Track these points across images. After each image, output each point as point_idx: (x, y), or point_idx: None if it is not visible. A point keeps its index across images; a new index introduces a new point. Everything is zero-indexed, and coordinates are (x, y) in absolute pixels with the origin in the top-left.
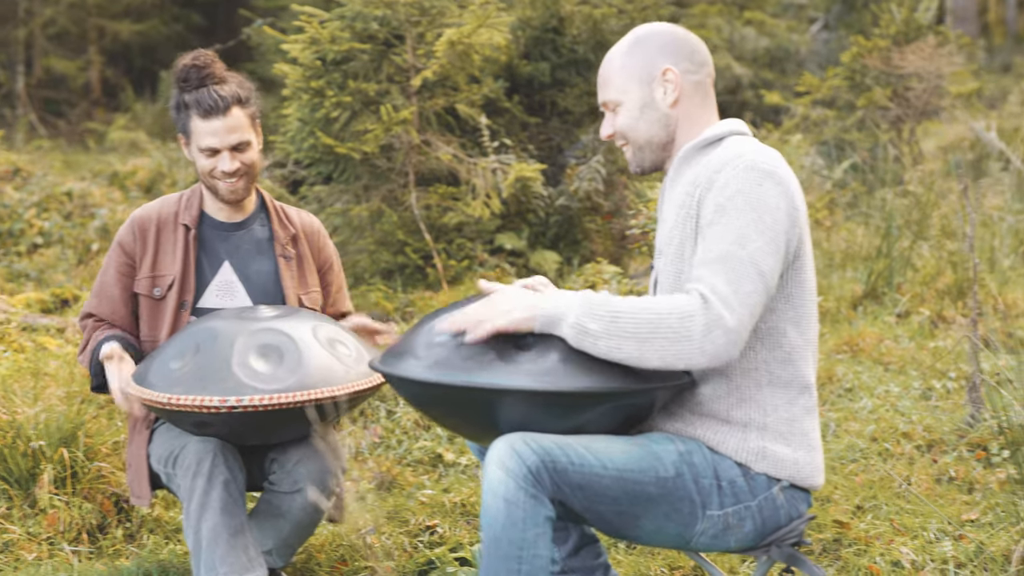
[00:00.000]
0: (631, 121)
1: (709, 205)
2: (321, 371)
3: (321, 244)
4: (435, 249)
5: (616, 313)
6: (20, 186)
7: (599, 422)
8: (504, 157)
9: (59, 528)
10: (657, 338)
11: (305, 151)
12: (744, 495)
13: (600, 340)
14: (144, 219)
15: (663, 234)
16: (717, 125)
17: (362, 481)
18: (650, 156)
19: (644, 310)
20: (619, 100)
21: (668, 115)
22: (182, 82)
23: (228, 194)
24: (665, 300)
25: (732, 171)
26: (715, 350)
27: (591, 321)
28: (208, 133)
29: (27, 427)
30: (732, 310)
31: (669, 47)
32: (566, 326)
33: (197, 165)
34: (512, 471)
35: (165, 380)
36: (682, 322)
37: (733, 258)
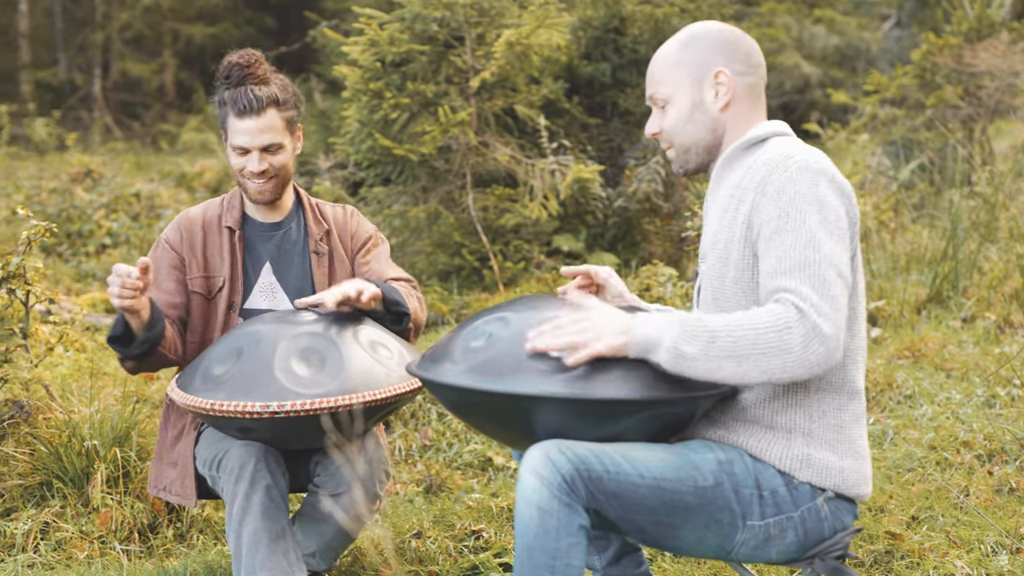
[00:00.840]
0: (678, 123)
1: (769, 211)
2: (362, 375)
3: (352, 227)
4: (491, 251)
5: (712, 334)
6: (91, 187)
7: (637, 430)
8: (562, 158)
9: (111, 527)
10: (756, 355)
11: (363, 153)
12: (786, 505)
13: (698, 363)
14: (189, 221)
15: (707, 238)
16: (759, 126)
17: (410, 484)
18: (695, 159)
19: (740, 327)
20: (668, 97)
21: (717, 119)
22: (224, 79)
23: (256, 194)
24: (759, 315)
25: (785, 173)
26: (816, 360)
27: (687, 344)
28: (240, 132)
29: (82, 427)
30: (826, 317)
31: (724, 47)
32: (662, 351)
33: (230, 162)
34: (546, 479)
35: (209, 386)
36: (780, 336)
37: (812, 263)
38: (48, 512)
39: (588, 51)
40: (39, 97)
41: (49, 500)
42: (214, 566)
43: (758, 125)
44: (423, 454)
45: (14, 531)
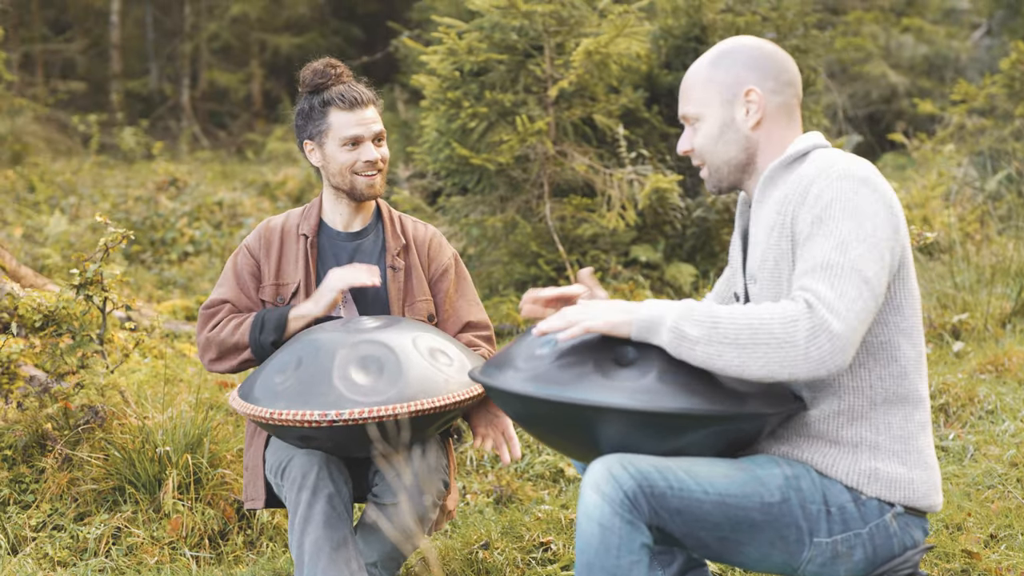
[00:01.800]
0: (709, 141)
1: (805, 218)
2: (421, 382)
3: (433, 252)
4: (568, 261)
5: (716, 318)
6: (174, 196)
7: (702, 445)
8: (641, 168)
9: (181, 533)
10: (759, 344)
11: (441, 162)
12: (854, 522)
13: (698, 346)
14: (271, 229)
15: (755, 258)
16: (800, 140)
17: (481, 495)
18: (728, 177)
19: (746, 315)
20: (699, 115)
21: (748, 137)
22: (319, 80)
23: (366, 188)
24: (767, 306)
25: (825, 181)
26: (820, 356)
27: (690, 326)
28: (353, 123)
29: (155, 433)
30: (838, 315)
31: (755, 64)
32: (664, 331)
33: (334, 163)
34: (608, 495)
35: (268, 394)
36: (785, 327)
37: (835, 265)
38: (120, 517)
39: (669, 60)
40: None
41: (122, 505)
42: (282, 573)
43: (797, 140)
44: (495, 465)
45: (87, 535)
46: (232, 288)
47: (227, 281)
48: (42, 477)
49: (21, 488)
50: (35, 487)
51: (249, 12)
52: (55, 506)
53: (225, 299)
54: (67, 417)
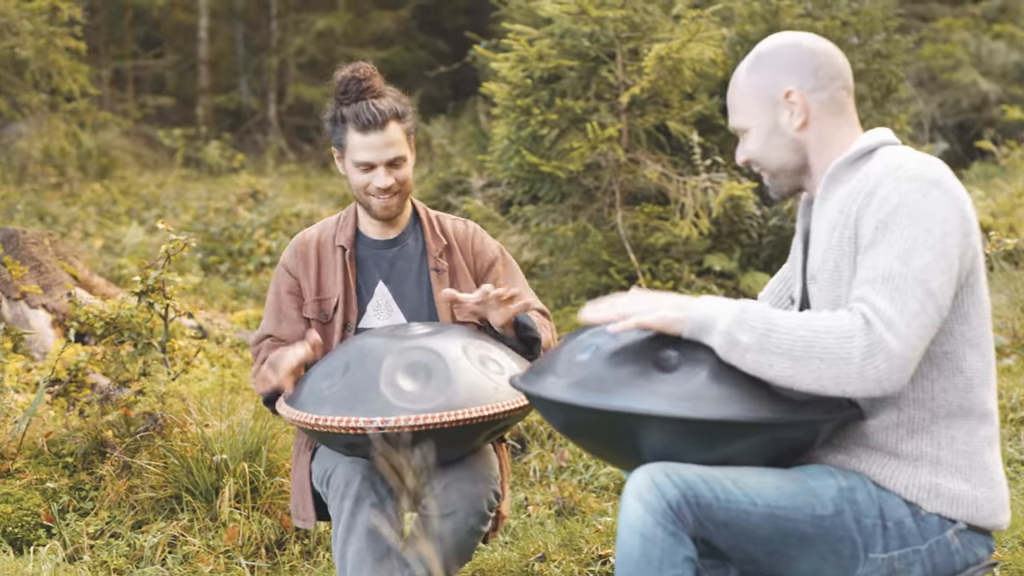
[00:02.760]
0: (759, 148)
1: (869, 222)
2: (469, 390)
3: (477, 247)
4: (640, 270)
5: (771, 326)
6: (252, 207)
7: (751, 454)
8: (715, 175)
9: (237, 542)
10: (812, 358)
11: (511, 170)
12: (913, 538)
13: (749, 354)
14: (305, 243)
15: (815, 258)
16: (865, 137)
17: (543, 506)
18: (786, 182)
19: (800, 326)
20: (745, 125)
21: (796, 139)
22: (341, 94)
23: (381, 211)
24: (824, 317)
25: (893, 183)
26: (876, 375)
27: (743, 332)
28: (364, 147)
29: (214, 441)
30: (896, 333)
31: (791, 65)
32: (716, 334)
33: (351, 180)
34: (650, 505)
35: (314, 400)
36: (840, 343)
37: (897, 276)
38: (177, 525)
39: None
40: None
41: (179, 513)
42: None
43: (864, 136)
44: (558, 475)
45: (143, 543)
46: (271, 318)
47: (268, 310)
48: (101, 484)
49: (81, 495)
50: (94, 494)
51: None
52: (113, 513)
53: (267, 334)
54: (127, 424)
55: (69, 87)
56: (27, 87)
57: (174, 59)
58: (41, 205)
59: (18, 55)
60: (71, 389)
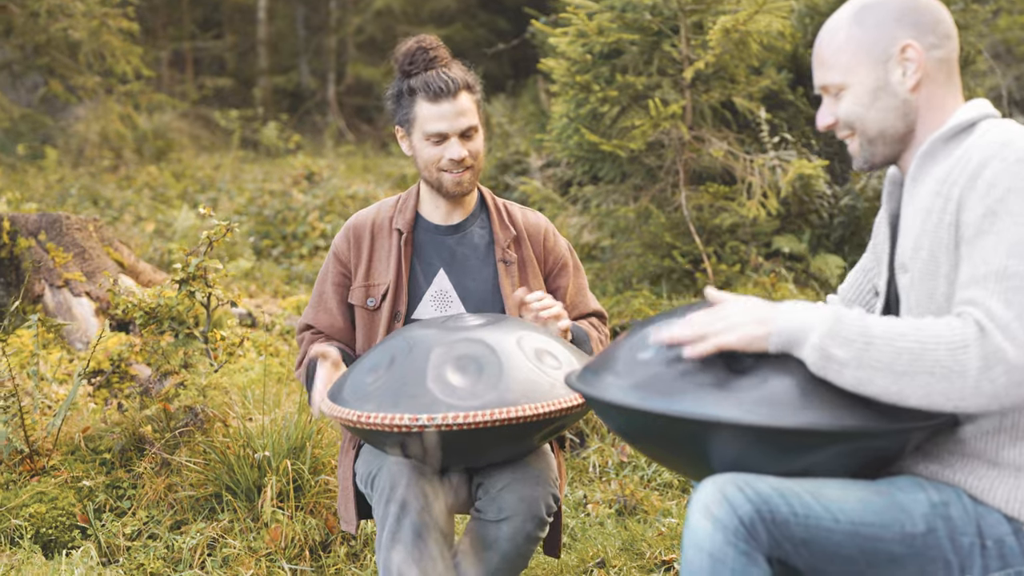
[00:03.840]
0: (859, 109)
1: (975, 210)
2: (523, 385)
3: (550, 245)
4: (705, 252)
5: (870, 338)
6: (307, 189)
7: (831, 464)
8: (784, 153)
9: (280, 544)
10: (920, 373)
11: (570, 149)
12: (1015, 558)
13: (847, 370)
14: (359, 225)
15: (906, 246)
16: (965, 109)
17: (603, 504)
18: (882, 150)
19: (904, 336)
20: (844, 83)
21: (907, 101)
22: (408, 65)
23: (453, 187)
24: (931, 325)
25: (1000, 165)
26: (994, 390)
27: (838, 346)
28: (436, 117)
29: (257, 436)
30: (1015, 340)
31: (908, 16)
32: (807, 348)
33: (420, 157)
34: (721, 521)
35: (357, 395)
36: (953, 355)
37: (1013, 275)
38: (217, 527)
39: (815, 39)
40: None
41: (219, 513)
42: None
43: (962, 108)
44: (619, 472)
45: (181, 545)
46: (314, 307)
47: (313, 298)
48: (139, 483)
49: (118, 494)
50: (132, 493)
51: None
52: (151, 513)
53: (308, 324)
54: (167, 419)
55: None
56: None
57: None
58: (95, 189)
59: (71, 37)
60: (114, 380)
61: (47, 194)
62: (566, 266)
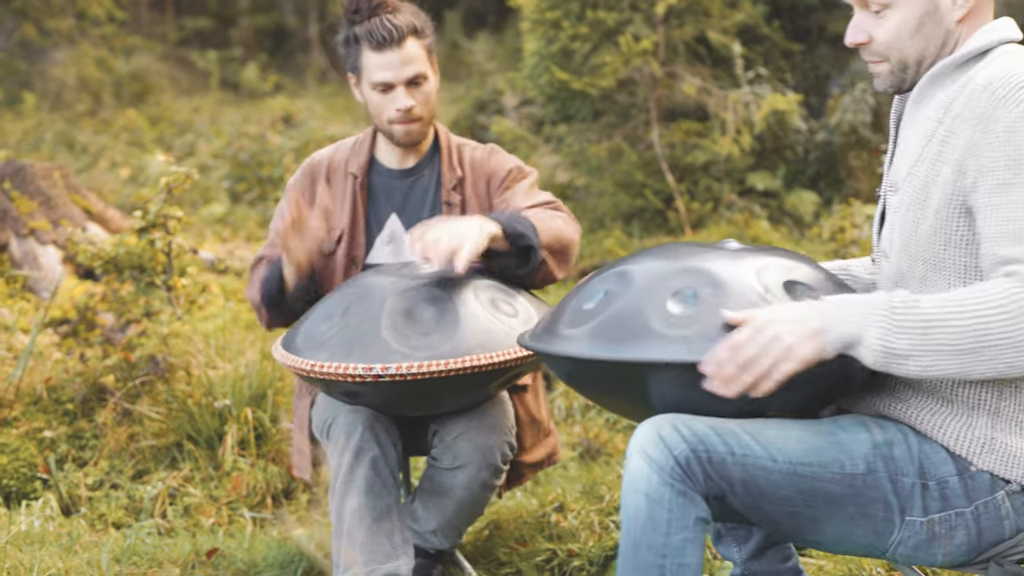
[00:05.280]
0: (902, 34)
1: (993, 156)
2: (477, 335)
3: (492, 167)
4: (677, 191)
5: (928, 322)
6: (283, 131)
7: (778, 400)
8: (758, 88)
9: (241, 492)
10: (986, 347)
11: (541, 87)
12: (957, 499)
13: (911, 360)
14: (315, 165)
15: (902, 166)
16: (980, 34)
17: (566, 447)
18: (913, 77)
19: (963, 312)
20: (889, 1)
21: (951, 32)
22: (352, 13)
23: (403, 136)
24: (986, 295)
25: (1019, 108)
26: None
27: (898, 338)
28: (381, 67)
29: (219, 385)
30: None
31: None
32: (866, 348)
33: (369, 106)
34: (656, 462)
35: (311, 344)
36: (1014, 323)
37: None
38: (178, 475)
39: None
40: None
41: (180, 463)
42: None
43: (979, 32)
44: (585, 414)
45: (143, 495)
46: (270, 243)
47: (271, 235)
48: (101, 433)
49: (80, 444)
50: (94, 443)
51: None
52: (113, 463)
53: (262, 255)
54: (130, 368)
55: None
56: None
57: None
58: (71, 134)
59: None
60: (80, 329)
61: (23, 140)
62: (510, 173)
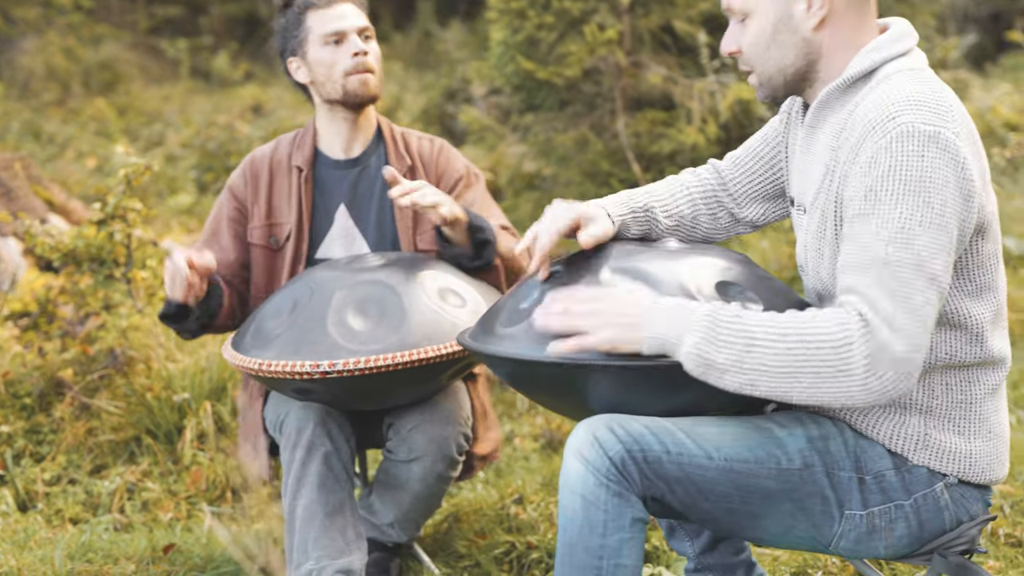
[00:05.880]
0: (759, 44)
1: (856, 188)
2: (424, 327)
3: (442, 167)
4: (643, 180)
5: (750, 340)
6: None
7: (714, 400)
8: (723, 77)
9: (200, 487)
10: (805, 373)
11: (507, 76)
12: (895, 492)
13: (728, 376)
14: (256, 162)
15: (807, 189)
16: (864, 54)
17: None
18: (783, 88)
19: (787, 336)
20: (747, 8)
21: (809, 40)
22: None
23: (359, 86)
24: (815, 322)
25: (882, 141)
26: (882, 387)
27: (716, 350)
28: (332, 18)
29: (179, 378)
30: (901, 333)
31: None
32: (683, 354)
33: (320, 68)
34: (592, 463)
35: (260, 342)
36: (838, 352)
37: (894, 263)
38: (136, 470)
39: None
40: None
41: (139, 457)
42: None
43: (865, 51)
44: None
45: (101, 490)
46: (205, 240)
47: (205, 232)
48: (59, 427)
49: (37, 439)
50: (52, 437)
51: None
52: (71, 458)
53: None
54: (90, 362)
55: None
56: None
57: None
58: (38, 123)
59: None
60: (41, 322)
61: None
62: (461, 180)
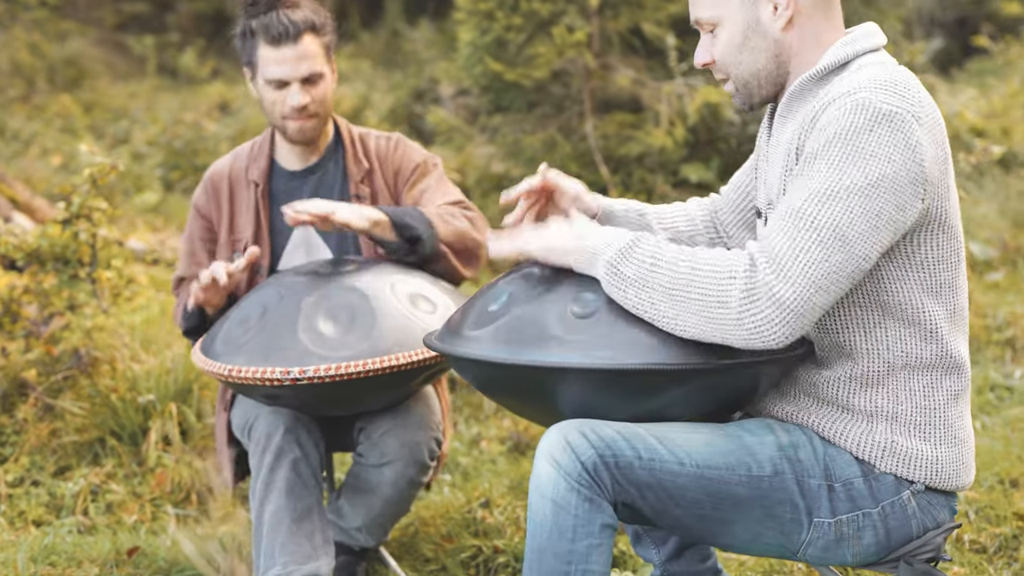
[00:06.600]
0: (731, 51)
1: (805, 152)
2: (395, 333)
3: (399, 161)
4: (611, 182)
5: (657, 260)
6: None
7: (683, 406)
8: (691, 80)
9: (165, 488)
10: (691, 299)
11: (475, 77)
12: (863, 500)
13: (631, 289)
14: (215, 178)
15: (773, 183)
16: (838, 46)
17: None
18: (759, 92)
19: (684, 261)
20: (716, 19)
21: (779, 41)
22: (250, 6)
23: (297, 134)
24: (712, 255)
25: (837, 112)
26: (756, 324)
27: (627, 264)
28: (277, 62)
29: (144, 379)
30: (787, 278)
31: None
32: (601, 265)
33: (264, 102)
34: (563, 468)
35: (228, 348)
36: (720, 283)
37: (807, 216)
38: (100, 472)
39: None
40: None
41: (103, 459)
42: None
43: (838, 44)
44: None
45: (64, 492)
46: (184, 262)
47: (181, 253)
48: (22, 428)
49: (0, 441)
50: (15, 439)
51: None
52: (34, 459)
53: (181, 276)
54: (54, 363)
55: None
56: None
57: None
58: (2, 120)
59: None
60: (5, 322)
61: None
62: (417, 169)
